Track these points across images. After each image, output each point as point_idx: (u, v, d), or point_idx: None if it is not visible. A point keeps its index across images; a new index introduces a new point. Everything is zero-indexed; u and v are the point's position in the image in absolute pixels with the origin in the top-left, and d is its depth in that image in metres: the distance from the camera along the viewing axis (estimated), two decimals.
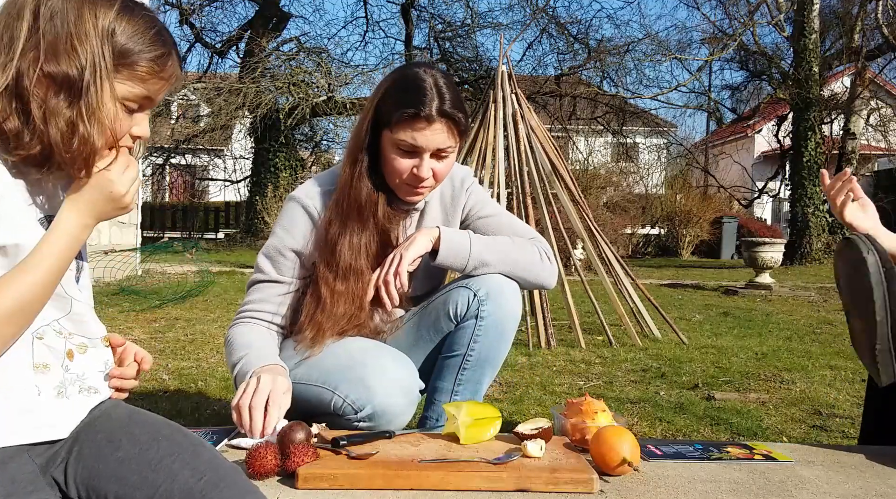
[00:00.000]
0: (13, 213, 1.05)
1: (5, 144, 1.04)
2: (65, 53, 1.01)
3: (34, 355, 1.06)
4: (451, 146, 1.63)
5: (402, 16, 15.97)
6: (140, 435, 1.08)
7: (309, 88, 13.33)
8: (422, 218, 1.80)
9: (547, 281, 1.78)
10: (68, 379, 1.10)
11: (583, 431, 1.43)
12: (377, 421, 1.55)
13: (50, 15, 1.01)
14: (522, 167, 4.77)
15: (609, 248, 4.91)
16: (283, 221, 1.71)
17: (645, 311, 4.87)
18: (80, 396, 1.12)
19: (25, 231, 1.06)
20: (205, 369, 3.47)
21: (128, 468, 1.03)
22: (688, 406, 2.90)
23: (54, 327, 1.10)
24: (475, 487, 1.24)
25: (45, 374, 1.07)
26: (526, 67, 15.70)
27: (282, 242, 1.69)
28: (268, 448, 1.27)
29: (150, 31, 1.08)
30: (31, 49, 1.01)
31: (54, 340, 1.09)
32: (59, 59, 1.01)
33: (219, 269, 9.19)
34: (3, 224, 1.03)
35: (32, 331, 1.06)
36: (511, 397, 3.05)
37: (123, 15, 1.05)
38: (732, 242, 16.26)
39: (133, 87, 1.07)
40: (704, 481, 1.32)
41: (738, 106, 19.47)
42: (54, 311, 1.10)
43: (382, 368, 1.58)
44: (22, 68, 1.01)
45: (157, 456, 1.05)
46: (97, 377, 1.15)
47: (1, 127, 1.02)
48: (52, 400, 1.07)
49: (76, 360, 1.12)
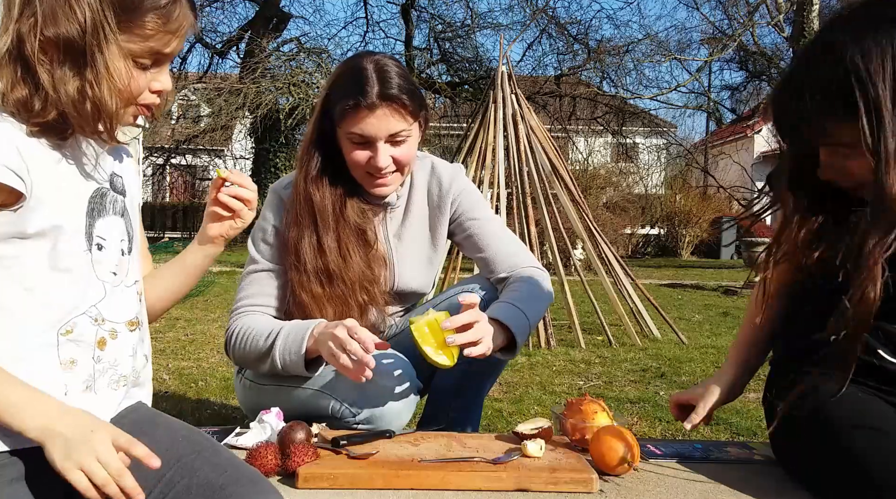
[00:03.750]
0: (54, 194, 1.02)
1: (23, 114, 1.00)
2: (63, 15, 0.97)
3: (60, 354, 1.04)
4: (405, 129, 1.59)
5: (402, 16, 15.97)
6: (160, 436, 1.08)
7: (309, 89, 13.32)
8: (406, 215, 1.77)
9: (553, 299, 1.78)
10: (98, 370, 1.08)
11: (583, 431, 1.43)
12: (375, 424, 1.55)
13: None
14: (522, 167, 4.77)
15: (609, 248, 4.91)
16: (264, 211, 1.71)
17: (645, 311, 4.87)
18: (108, 389, 1.10)
19: (66, 214, 1.04)
20: (205, 369, 3.47)
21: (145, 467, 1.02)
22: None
23: (91, 314, 1.07)
24: (475, 487, 1.24)
25: (73, 370, 1.05)
26: (526, 68, 15.72)
27: (265, 231, 1.69)
28: (268, 448, 1.27)
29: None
30: (28, 13, 0.98)
31: (86, 330, 1.06)
32: (58, 22, 0.97)
33: (219, 269, 9.18)
34: (43, 208, 1.01)
35: (58, 328, 1.04)
36: (511, 397, 3.05)
37: None
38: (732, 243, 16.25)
39: (141, 43, 1.02)
40: (704, 481, 1.32)
41: (738, 106, 19.47)
42: (93, 294, 1.08)
43: (379, 372, 1.57)
44: (22, 32, 0.97)
45: (176, 454, 1.04)
46: (128, 363, 1.13)
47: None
48: (79, 396, 1.06)
49: (108, 347, 1.09)
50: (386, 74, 1.56)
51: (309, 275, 1.61)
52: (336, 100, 1.58)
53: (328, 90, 1.63)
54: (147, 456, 0.97)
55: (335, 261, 1.61)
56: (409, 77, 1.62)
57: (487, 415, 2.69)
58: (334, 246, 1.62)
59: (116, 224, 1.12)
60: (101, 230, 1.09)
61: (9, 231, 1.00)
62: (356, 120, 1.56)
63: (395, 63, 1.61)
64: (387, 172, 1.62)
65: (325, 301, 1.61)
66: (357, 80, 1.55)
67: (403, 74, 1.60)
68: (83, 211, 1.07)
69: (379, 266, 1.69)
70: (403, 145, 1.61)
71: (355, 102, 1.54)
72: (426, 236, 1.80)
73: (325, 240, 1.62)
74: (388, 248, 1.74)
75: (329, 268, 1.61)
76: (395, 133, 1.58)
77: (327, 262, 1.61)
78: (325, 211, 1.63)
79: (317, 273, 1.61)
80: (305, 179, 1.64)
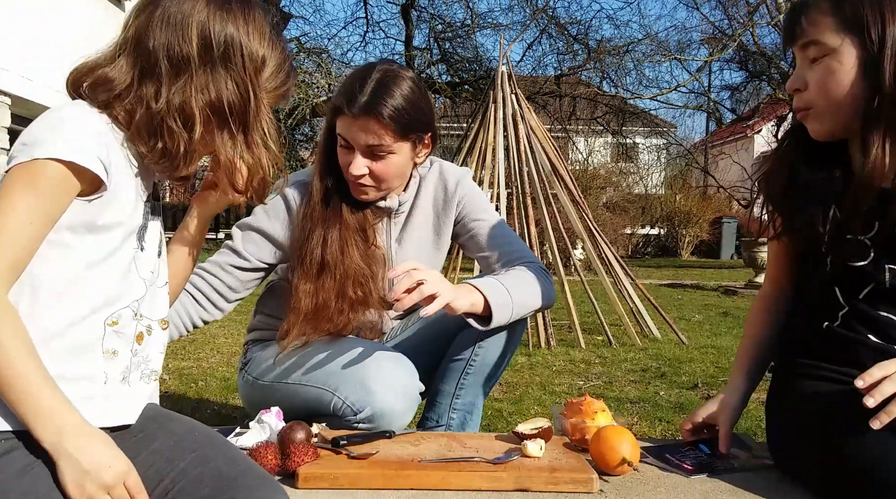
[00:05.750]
0: (126, 194, 1.08)
1: (165, 169, 1.10)
2: (225, 85, 1.09)
3: (104, 342, 1.08)
4: (385, 145, 1.57)
5: (402, 16, 15.96)
6: (177, 429, 1.11)
7: (309, 89, 13.32)
8: (409, 220, 1.78)
9: (553, 301, 1.77)
10: (134, 364, 1.12)
11: (583, 431, 1.43)
12: (376, 422, 1.55)
13: (213, 40, 1.07)
14: (522, 167, 4.78)
15: (609, 248, 4.91)
16: (265, 204, 1.70)
17: (645, 311, 4.87)
18: (141, 382, 1.14)
19: (131, 213, 1.09)
20: (205, 369, 3.47)
21: (160, 457, 1.05)
22: (688, 406, 2.90)
23: (133, 308, 1.11)
24: (475, 487, 1.24)
25: (114, 360, 1.09)
26: (526, 68, 15.71)
27: (255, 221, 1.69)
28: (268, 448, 1.27)
29: (286, 63, 1.16)
30: (193, 75, 1.07)
31: (128, 323, 1.11)
32: (220, 89, 1.08)
33: None
34: (116, 204, 1.06)
35: (105, 318, 1.07)
36: (511, 397, 3.05)
37: (272, 45, 1.13)
38: (732, 242, 16.26)
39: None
40: (704, 480, 1.32)
41: (738, 106, 19.45)
42: (137, 291, 1.12)
43: (382, 371, 1.57)
44: (185, 93, 1.07)
45: (191, 446, 1.06)
46: (158, 360, 1.18)
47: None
48: (116, 386, 1.09)
49: (144, 343, 1.14)
50: (384, 89, 1.54)
51: (311, 268, 1.62)
52: (335, 97, 1.61)
53: (338, 88, 1.65)
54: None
55: (333, 253, 1.62)
56: (417, 101, 1.59)
57: (487, 415, 2.69)
58: (339, 244, 1.63)
59: (156, 227, 1.19)
60: (148, 233, 1.16)
61: (78, 220, 1.04)
62: (341, 121, 1.58)
63: (408, 83, 1.58)
64: (362, 182, 1.61)
65: (316, 294, 1.61)
66: (354, 84, 1.56)
67: (407, 96, 1.57)
68: (141, 212, 1.12)
69: (377, 264, 1.69)
70: (383, 161, 1.59)
71: (339, 105, 1.56)
72: (429, 240, 1.80)
73: (332, 235, 1.63)
74: (389, 252, 1.74)
75: (325, 258, 1.62)
76: (374, 146, 1.57)
77: (330, 255, 1.62)
78: (328, 209, 1.64)
79: (319, 266, 1.62)
80: (317, 175, 1.66)
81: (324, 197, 1.65)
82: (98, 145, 1.02)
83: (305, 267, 1.62)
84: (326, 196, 1.65)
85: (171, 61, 1.06)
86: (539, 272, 1.71)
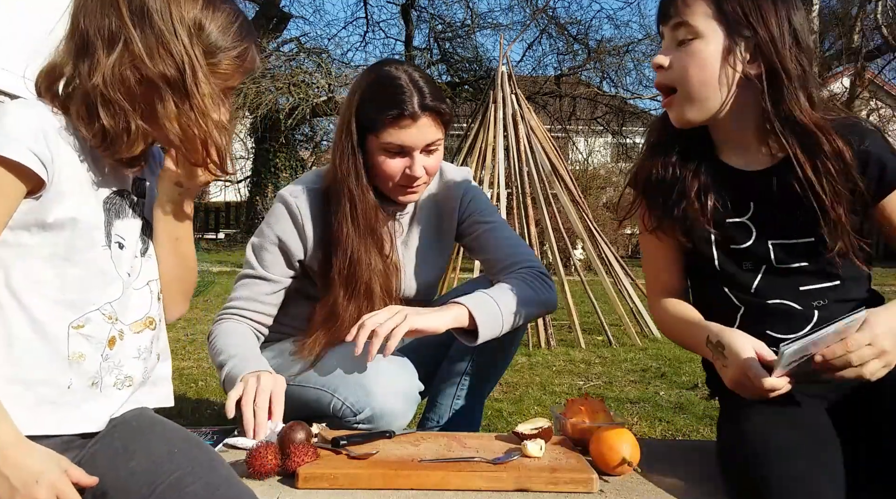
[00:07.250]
0: (77, 188, 1.05)
1: (106, 148, 1.06)
2: (158, 56, 1.03)
3: (69, 347, 1.05)
4: (440, 139, 1.62)
5: (402, 16, 15.97)
6: (156, 447, 1.06)
7: (309, 89, 13.32)
8: (413, 221, 1.77)
9: (554, 306, 1.76)
10: (105, 368, 1.09)
11: (583, 431, 1.43)
12: (376, 423, 1.55)
13: (140, 10, 1.03)
14: (522, 167, 4.78)
15: (609, 248, 4.92)
16: (269, 217, 1.69)
17: (645, 311, 4.87)
18: (114, 388, 1.11)
19: (84, 208, 1.07)
20: (205, 369, 3.47)
21: (138, 480, 1.01)
22: (688, 406, 2.90)
23: (105, 311, 1.09)
24: (475, 487, 1.24)
25: (81, 364, 1.06)
26: (526, 68, 15.71)
27: (267, 238, 1.67)
28: (268, 448, 1.27)
29: (233, 25, 1.10)
30: (126, 48, 1.03)
31: (99, 327, 1.08)
32: (154, 61, 1.03)
33: (219, 269, 9.19)
34: (64, 200, 1.03)
35: (70, 321, 1.05)
36: (511, 397, 3.05)
37: (208, 7, 1.07)
38: None
39: (216, 83, 1.09)
40: (704, 481, 1.32)
41: None
42: (111, 292, 1.09)
43: (382, 372, 1.56)
44: (119, 67, 1.02)
45: (169, 469, 1.02)
46: (132, 364, 1.14)
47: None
48: (84, 391, 1.06)
49: (116, 347, 1.11)
50: (423, 84, 1.58)
51: (355, 291, 1.61)
52: (372, 110, 1.57)
53: (358, 100, 1.60)
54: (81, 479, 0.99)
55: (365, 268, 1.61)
56: (437, 85, 1.64)
57: (487, 415, 2.69)
58: (366, 252, 1.61)
59: (134, 226, 1.15)
60: (121, 230, 1.12)
61: (29, 219, 1.02)
62: (398, 129, 1.56)
63: (422, 73, 1.63)
64: (420, 182, 1.63)
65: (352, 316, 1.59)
66: (396, 88, 1.56)
67: (435, 84, 1.62)
68: (100, 208, 1.09)
69: (393, 276, 1.68)
70: (435, 154, 1.64)
71: (398, 111, 1.54)
72: (433, 242, 1.79)
73: (371, 252, 1.62)
74: (397, 255, 1.74)
75: (369, 284, 1.61)
76: (431, 142, 1.60)
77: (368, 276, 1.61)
78: (373, 224, 1.63)
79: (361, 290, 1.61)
80: (363, 190, 1.62)
81: (372, 214, 1.62)
82: (35, 141, 1.00)
83: (350, 288, 1.61)
84: (372, 212, 1.63)
85: (101, 36, 1.03)
86: (538, 278, 1.69)
